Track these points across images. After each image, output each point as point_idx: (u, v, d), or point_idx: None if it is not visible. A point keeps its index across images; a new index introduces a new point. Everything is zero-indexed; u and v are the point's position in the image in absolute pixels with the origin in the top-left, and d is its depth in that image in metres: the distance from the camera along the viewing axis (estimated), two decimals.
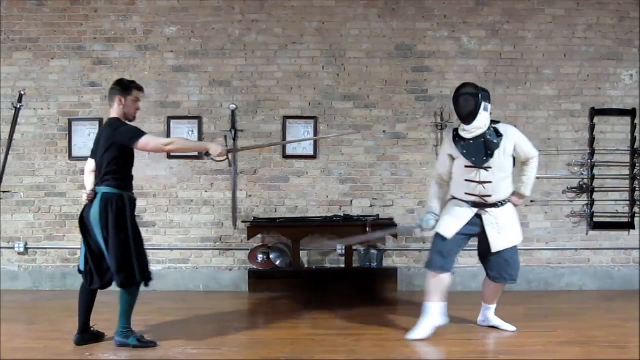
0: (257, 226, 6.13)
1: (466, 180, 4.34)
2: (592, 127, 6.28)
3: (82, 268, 4.24)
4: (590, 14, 6.30)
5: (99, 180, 4.14)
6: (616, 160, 6.30)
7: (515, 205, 4.53)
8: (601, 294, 6.08)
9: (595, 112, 6.27)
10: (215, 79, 6.32)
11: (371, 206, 6.34)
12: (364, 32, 6.30)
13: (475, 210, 4.38)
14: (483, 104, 4.24)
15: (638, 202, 6.28)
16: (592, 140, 6.27)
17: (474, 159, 4.29)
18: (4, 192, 6.11)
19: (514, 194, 4.49)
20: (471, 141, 4.30)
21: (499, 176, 4.31)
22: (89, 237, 4.16)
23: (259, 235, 6.27)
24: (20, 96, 5.50)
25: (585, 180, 6.28)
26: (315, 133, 6.27)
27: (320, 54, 6.31)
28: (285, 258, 6.19)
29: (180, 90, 6.32)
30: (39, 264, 6.34)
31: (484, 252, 4.48)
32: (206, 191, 6.33)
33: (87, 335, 4.25)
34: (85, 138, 6.27)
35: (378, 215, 6.23)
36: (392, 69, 6.31)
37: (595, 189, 6.27)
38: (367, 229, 5.91)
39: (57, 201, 6.33)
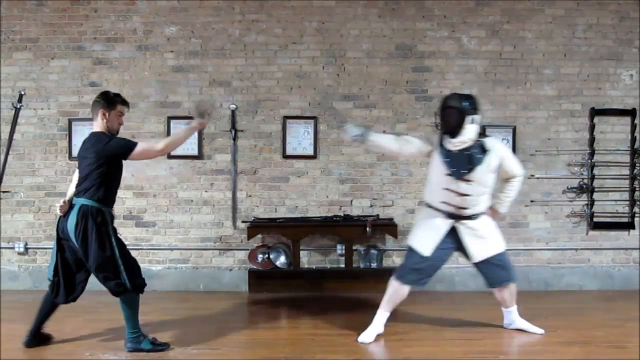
0: (257, 226, 6.13)
1: (445, 189, 4.26)
2: (592, 127, 6.28)
3: (50, 277, 4.16)
4: (590, 14, 6.30)
5: (81, 192, 4.04)
6: (616, 160, 6.31)
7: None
8: (601, 294, 6.08)
9: (595, 112, 6.28)
10: (215, 79, 6.32)
11: (371, 206, 6.34)
12: (364, 32, 6.30)
13: (450, 221, 4.30)
14: (469, 117, 4.15)
15: (638, 202, 6.28)
16: (592, 140, 6.27)
17: (454, 169, 4.20)
18: (4, 192, 6.11)
19: (490, 208, 4.44)
20: (456, 152, 4.23)
21: (478, 190, 4.24)
22: (65, 248, 4.09)
23: (259, 235, 6.27)
24: (20, 96, 5.50)
25: (585, 180, 6.28)
26: (315, 133, 6.27)
27: (320, 54, 6.31)
28: (285, 258, 6.19)
29: (180, 90, 6.32)
30: (39, 264, 6.33)
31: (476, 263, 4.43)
32: (206, 191, 6.33)
33: (38, 338, 4.20)
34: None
35: (378, 215, 6.23)
36: (392, 69, 6.31)
37: (595, 189, 6.27)
38: (367, 229, 5.93)
39: (57, 201, 6.24)
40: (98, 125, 4.11)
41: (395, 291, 4.40)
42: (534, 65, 6.31)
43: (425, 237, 4.33)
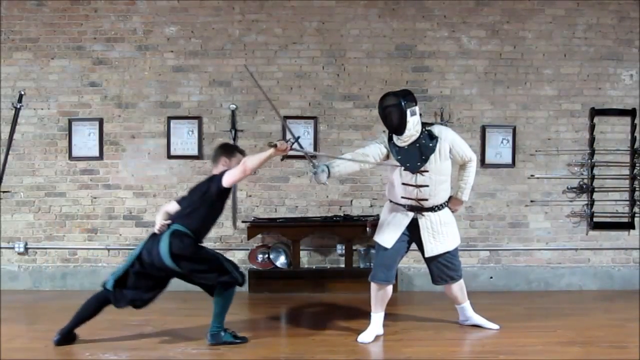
0: (257, 226, 6.13)
1: (403, 184, 4.31)
2: (592, 127, 6.28)
3: (109, 287, 4.17)
4: (590, 14, 6.30)
5: (178, 218, 4.17)
6: (616, 160, 6.30)
7: (453, 211, 4.52)
8: (601, 294, 6.08)
9: (595, 112, 6.27)
10: (215, 79, 6.32)
11: (371, 206, 6.34)
12: (364, 32, 6.30)
13: (411, 214, 4.36)
14: (408, 110, 4.18)
15: (638, 202, 6.28)
16: (592, 140, 6.27)
17: (408, 164, 4.25)
18: (4, 192, 6.11)
19: (451, 198, 4.48)
20: (406, 147, 4.27)
21: (436, 179, 4.28)
22: (144, 267, 4.14)
23: (259, 235, 6.27)
24: (20, 96, 5.50)
25: (585, 180, 6.28)
26: (316, 133, 6.27)
27: (320, 54, 6.31)
28: (285, 258, 6.19)
29: (180, 90, 6.32)
30: (39, 264, 6.33)
31: (422, 256, 4.50)
32: None
33: (69, 337, 4.24)
34: (85, 138, 6.28)
35: (378, 215, 6.21)
36: (392, 69, 6.31)
37: (595, 189, 6.27)
38: (367, 229, 5.92)
39: (57, 201, 6.33)
40: (218, 169, 4.28)
41: (377, 291, 4.44)
42: (534, 65, 6.31)
43: (387, 231, 4.41)
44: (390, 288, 4.46)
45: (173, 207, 4.30)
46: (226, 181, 4.11)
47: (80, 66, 6.32)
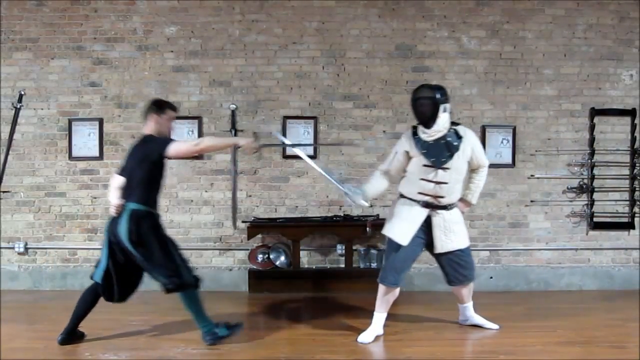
0: (257, 226, 6.13)
1: (422, 180, 4.31)
2: (592, 127, 6.28)
3: (98, 280, 4.17)
4: (590, 14, 6.30)
5: (127, 195, 4.11)
6: (616, 160, 6.30)
7: (461, 212, 4.53)
8: (601, 294, 6.08)
9: (595, 112, 6.27)
10: (215, 79, 6.32)
11: (371, 206, 6.32)
12: (364, 32, 6.30)
13: (427, 211, 4.35)
14: (441, 106, 4.21)
15: (638, 202, 6.28)
16: (592, 140, 6.27)
17: (433, 159, 4.27)
18: (4, 192, 6.11)
19: (460, 199, 4.50)
20: (431, 142, 4.29)
21: (455, 178, 4.31)
22: (116, 250, 4.12)
23: (259, 235, 6.27)
24: (20, 96, 5.50)
25: (585, 180, 6.28)
26: (315, 133, 6.27)
27: (320, 54, 6.31)
28: (285, 258, 6.19)
29: (180, 90, 6.32)
30: (39, 264, 6.34)
31: (435, 255, 4.49)
32: (206, 191, 6.34)
33: (73, 336, 4.26)
34: (85, 138, 6.28)
35: (378, 215, 6.23)
36: (392, 69, 6.31)
37: (595, 189, 6.27)
38: (367, 229, 5.92)
39: (57, 201, 6.33)
40: (148, 128, 4.25)
41: (384, 293, 4.43)
42: (534, 65, 6.31)
43: (402, 227, 4.38)
44: (397, 290, 4.45)
45: (119, 180, 4.21)
46: (172, 151, 4.06)
47: (80, 66, 6.32)
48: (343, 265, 6.24)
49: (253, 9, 6.29)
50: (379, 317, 4.47)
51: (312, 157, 6.27)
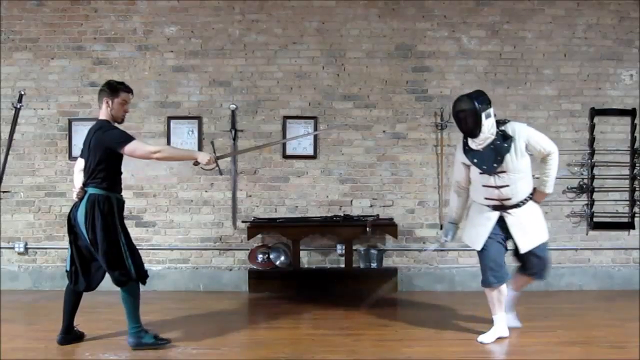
0: (257, 226, 6.13)
1: (483, 186, 4.32)
2: (592, 127, 6.28)
3: (67, 268, 4.20)
4: (590, 14, 6.30)
5: (87, 180, 4.09)
6: (616, 160, 6.30)
7: (537, 202, 4.47)
8: (601, 294, 6.08)
9: (595, 112, 6.27)
10: (215, 79, 6.32)
11: (371, 206, 6.34)
12: (364, 32, 6.30)
13: (497, 213, 4.34)
14: (483, 114, 4.15)
15: (638, 202, 6.28)
16: (592, 140, 6.27)
17: (484, 167, 4.25)
18: (4, 192, 6.10)
19: (535, 191, 4.43)
20: (481, 150, 4.26)
21: (515, 178, 4.25)
22: (77, 237, 4.12)
23: (259, 235, 6.27)
24: (20, 96, 5.50)
25: (585, 180, 6.28)
26: None
27: (320, 54, 6.31)
28: (285, 258, 6.19)
29: (180, 90, 6.32)
30: (39, 264, 6.34)
31: (516, 252, 4.45)
32: (206, 191, 6.33)
33: (71, 335, 4.25)
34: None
35: (378, 215, 6.23)
36: (392, 69, 6.31)
37: (595, 189, 6.27)
38: (367, 229, 5.93)
39: (57, 201, 6.33)
40: (103, 113, 4.17)
41: (491, 294, 4.39)
42: (534, 65, 6.31)
43: (474, 232, 4.41)
44: (504, 287, 4.38)
45: (82, 164, 4.21)
46: (127, 151, 4.03)
47: (80, 66, 6.32)
48: (343, 265, 6.24)
49: (253, 9, 6.29)
50: (499, 318, 4.40)
51: (311, 157, 6.31)
